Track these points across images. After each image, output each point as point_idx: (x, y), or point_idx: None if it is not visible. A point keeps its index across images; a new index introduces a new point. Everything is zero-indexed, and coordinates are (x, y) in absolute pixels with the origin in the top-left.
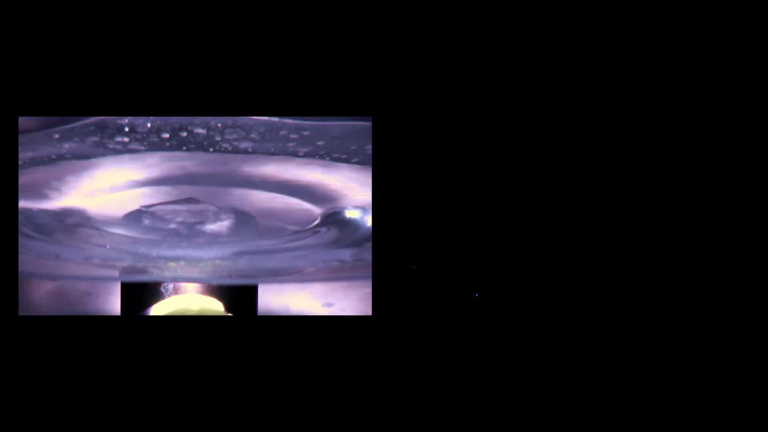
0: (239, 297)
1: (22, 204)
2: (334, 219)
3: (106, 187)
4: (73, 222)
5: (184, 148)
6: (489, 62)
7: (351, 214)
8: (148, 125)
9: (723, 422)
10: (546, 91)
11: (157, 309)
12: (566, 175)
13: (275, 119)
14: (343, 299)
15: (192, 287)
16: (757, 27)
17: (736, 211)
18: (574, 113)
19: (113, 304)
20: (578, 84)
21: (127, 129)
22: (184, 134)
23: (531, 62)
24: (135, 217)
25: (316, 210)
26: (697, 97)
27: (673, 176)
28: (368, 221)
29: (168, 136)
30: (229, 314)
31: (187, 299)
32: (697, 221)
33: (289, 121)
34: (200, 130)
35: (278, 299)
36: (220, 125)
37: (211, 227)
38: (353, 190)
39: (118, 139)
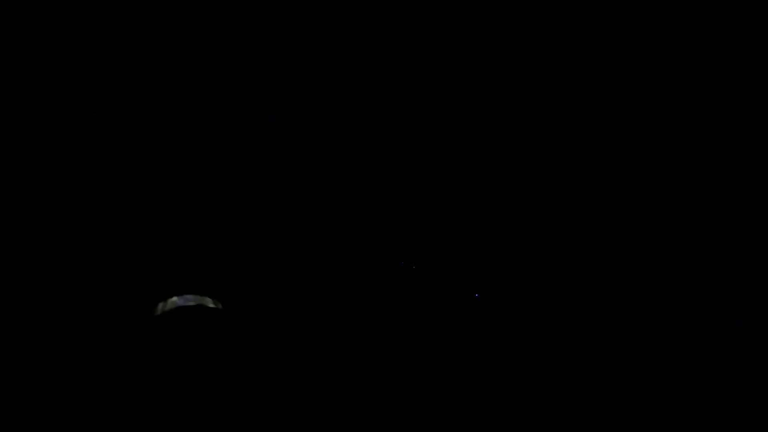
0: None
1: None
2: None
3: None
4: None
5: None
6: (488, 62)
7: None
8: None
9: (723, 422)
10: (546, 92)
11: (157, 309)
12: (566, 175)
13: None
14: None
15: None
16: (757, 27)
17: (735, 211)
18: (573, 113)
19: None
20: (578, 84)
21: None
22: None
23: (530, 62)
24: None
25: None
26: (697, 97)
27: (673, 176)
28: None
29: None
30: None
31: (187, 299)
32: (697, 221)
33: None
34: None
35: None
36: None
37: None
38: None
39: None
